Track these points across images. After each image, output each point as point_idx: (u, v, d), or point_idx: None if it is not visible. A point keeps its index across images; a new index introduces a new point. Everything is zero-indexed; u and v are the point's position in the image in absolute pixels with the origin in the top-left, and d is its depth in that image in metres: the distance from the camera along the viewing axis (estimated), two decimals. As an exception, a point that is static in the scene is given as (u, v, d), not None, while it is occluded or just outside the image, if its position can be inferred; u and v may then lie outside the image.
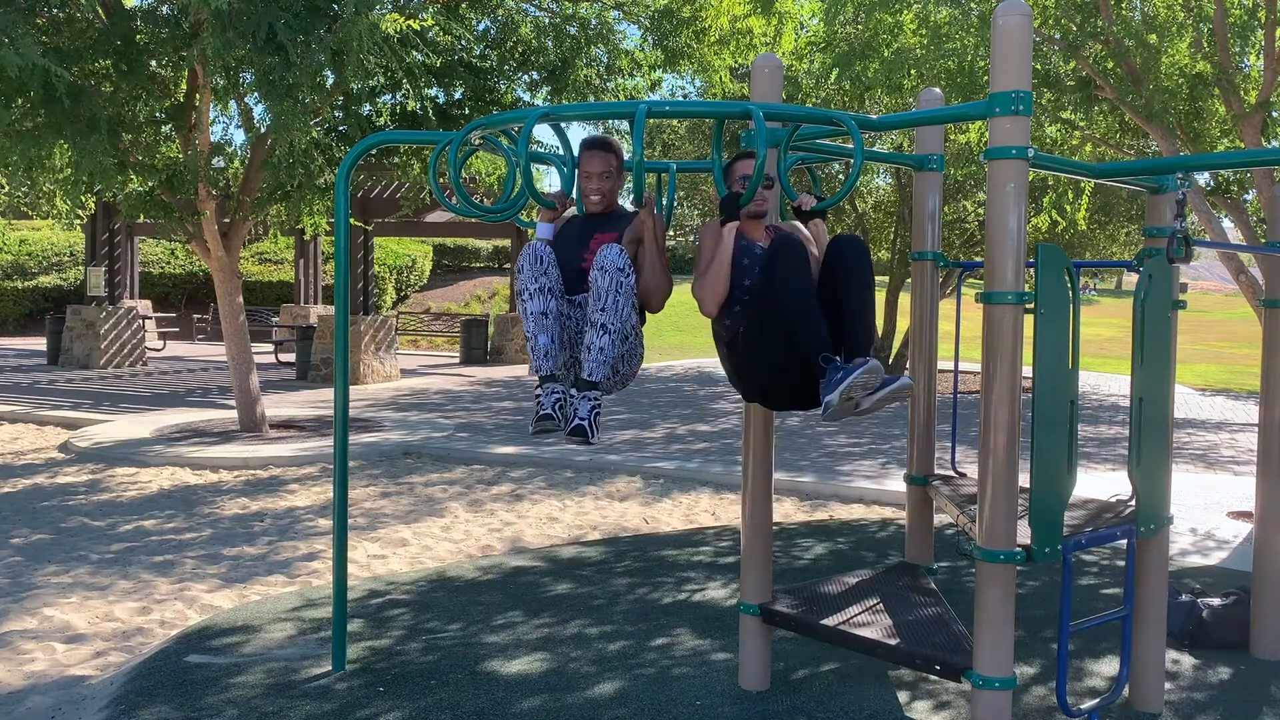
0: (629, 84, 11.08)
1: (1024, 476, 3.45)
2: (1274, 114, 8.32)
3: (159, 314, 23.24)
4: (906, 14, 9.31)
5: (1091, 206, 13.77)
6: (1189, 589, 5.28)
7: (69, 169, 9.37)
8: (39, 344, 21.78)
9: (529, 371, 3.59)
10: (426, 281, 31.92)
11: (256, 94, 9.10)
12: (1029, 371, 3.75)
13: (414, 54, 9.33)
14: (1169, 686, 4.25)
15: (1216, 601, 4.84)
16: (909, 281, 6.08)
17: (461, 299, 30.79)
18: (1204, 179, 9.26)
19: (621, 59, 10.88)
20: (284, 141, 8.56)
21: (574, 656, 4.51)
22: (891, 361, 17.89)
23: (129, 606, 5.32)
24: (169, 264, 28.38)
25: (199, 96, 9.62)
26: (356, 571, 5.93)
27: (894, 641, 3.68)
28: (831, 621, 3.90)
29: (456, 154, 3.80)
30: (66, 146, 8.71)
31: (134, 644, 4.81)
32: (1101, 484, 8.55)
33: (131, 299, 19.32)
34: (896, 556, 5.98)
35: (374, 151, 8.96)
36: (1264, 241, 5.07)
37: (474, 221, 18.96)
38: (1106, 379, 19.80)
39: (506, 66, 10.65)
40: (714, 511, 7.78)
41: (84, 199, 11.18)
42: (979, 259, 11.61)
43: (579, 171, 3.78)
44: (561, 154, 3.86)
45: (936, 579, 4.86)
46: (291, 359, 18.19)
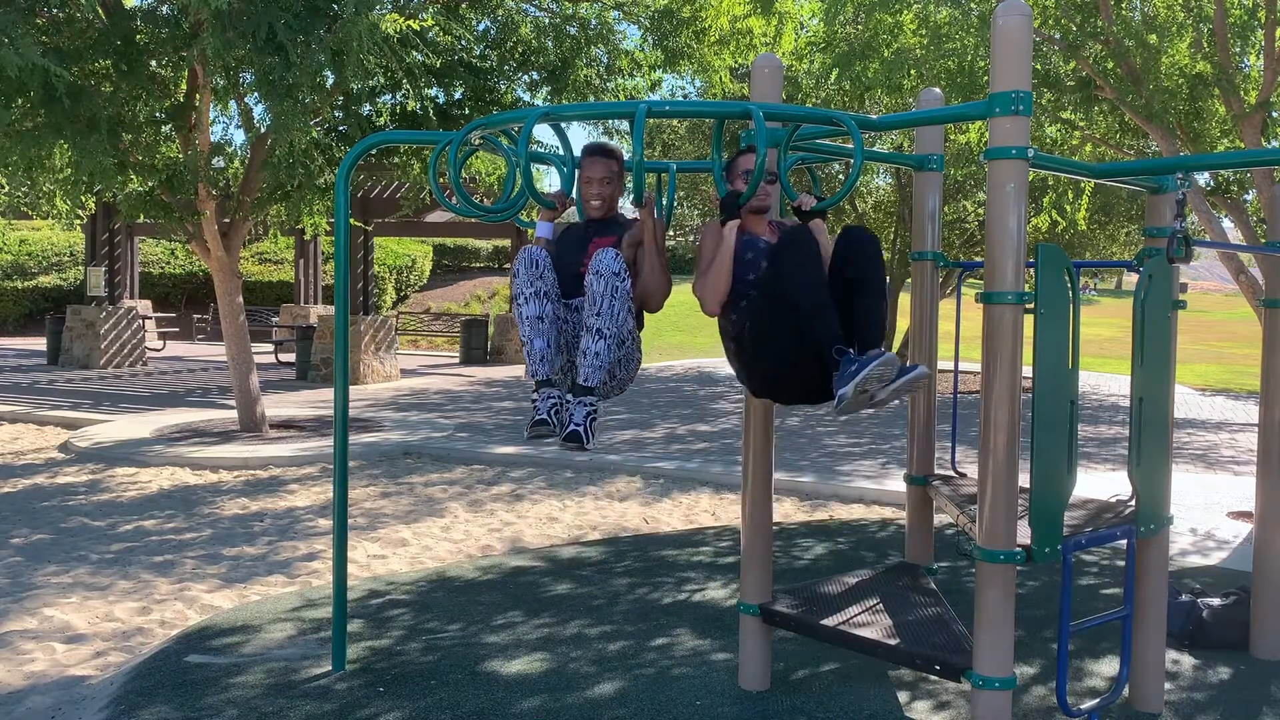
0: (629, 84, 11.08)
1: (1024, 476, 3.45)
2: (1274, 114, 8.32)
3: (159, 314, 23.23)
4: (906, 14, 9.31)
5: (1091, 206, 13.77)
6: (1189, 589, 5.28)
7: (69, 169, 9.37)
8: (39, 344, 21.78)
9: (525, 376, 3.58)
10: (426, 281, 31.92)
11: (256, 94, 9.11)
12: (1029, 371, 3.75)
13: (414, 54, 9.33)
14: (1169, 686, 4.25)
15: (1216, 601, 4.84)
16: (909, 281, 6.08)
17: (461, 299, 30.79)
18: (1204, 179, 9.26)
19: (621, 59, 10.88)
20: (284, 141, 8.56)
21: (574, 656, 4.51)
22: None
23: (129, 606, 5.32)
24: (169, 264, 28.38)
25: (199, 96, 9.62)
26: (356, 571, 5.93)
27: (894, 641, 3.68)
28: (831, 621, 3.90)
29: (456, 154, 3.80)
30: (66, 146, 8.71)
31: (134, 644, 4.81)
32: (1101, 484, 8.54)
33: (131, 299, 19.32)
34: (896, 556, 5.98)
35: (374, 151, 8.96)
36: (1264, 241, 5.07)
37: (474, 221, 18.96)
38: (1106, 379, 19.80)
39: (506, 66, 10.65)
40: (714, 511, 7.78)
41: (84, 199, 11.19)
42: (979, 259, 11.60)
43: (580, 177, 3.79)
44: (561, 154, 3.86)
45: (936, 579, 4.86)
46: (291, 359, 18.19)
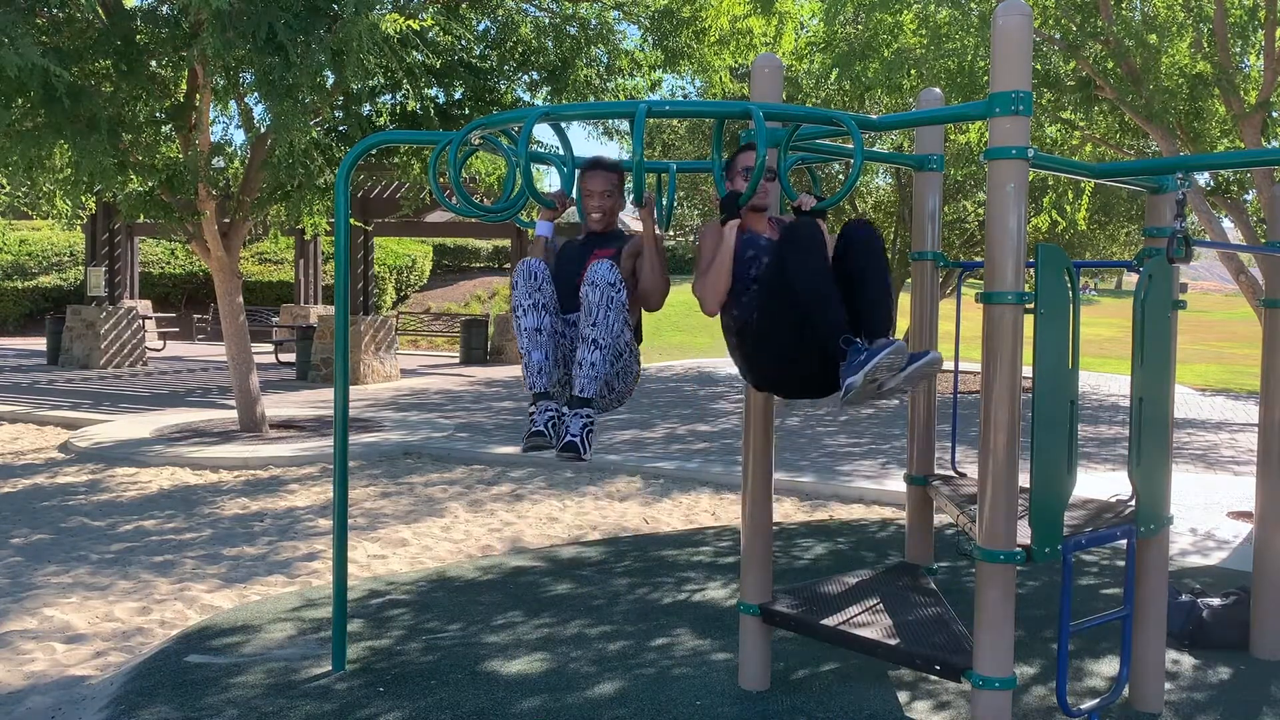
0: (629, 84, 11.08)
1: (1024, 476, 3.45)
2: (1274, 114, 8.33)
3: (159, 314, 23.23)
4: (906, 14, 9.31)
5: (1091, 206, 13.77)
6: (1189, 589, 5.28)
7: (69, 169, 9.37)
8: (39, 344, 21.78)
9: (524, 388, 3.58)
10: (426, 281, 31.92)
11: (256, 94, 9.11)
12: (1029, 371, 3.75)
13: (414, 54, 9.34)
14: (1169, 686, 4.25)
15: (1216, 601, 4.84)
16: (909, 281, 6.08)
17: (461, 299, 30.79)
18: (1204, 179, 9.26)
19: (621, 59, 10.88)
20: (284, 141, 8.56)
21: (574, 656, 4.51)
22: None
23: (129, 606, 5.32)
24: (169, 264, 28.38)
25: (199, 96, 9.62)
26: (356, 571, 5.93)
27: (894, 641, 3.68)
28: (831, 621, 3.90)
29: (456, 154, 3.81)
30: (66, 146, 8.72)
31: (134, 644, 4.81)
32: (1101, 484, 8.54)
33: (131, 299, 19.32)
34: (896, 556, 5.98)
35: (374, 151, 8.96)
36: (1264, 241, 5.07)
37: (474, 221, 18.95)
38: (1106, 379, 19.79)
39: (506, 66, 10.66)
40: (714, 511, 7.78)
41: (84, 199, 11.18)
42: (979, 259, 11.60)
43: (581, 189, 3.82)
44: (562, 154, 3.86)
45: (936, 579, 4.86)
46: (291, 359, 18.19)
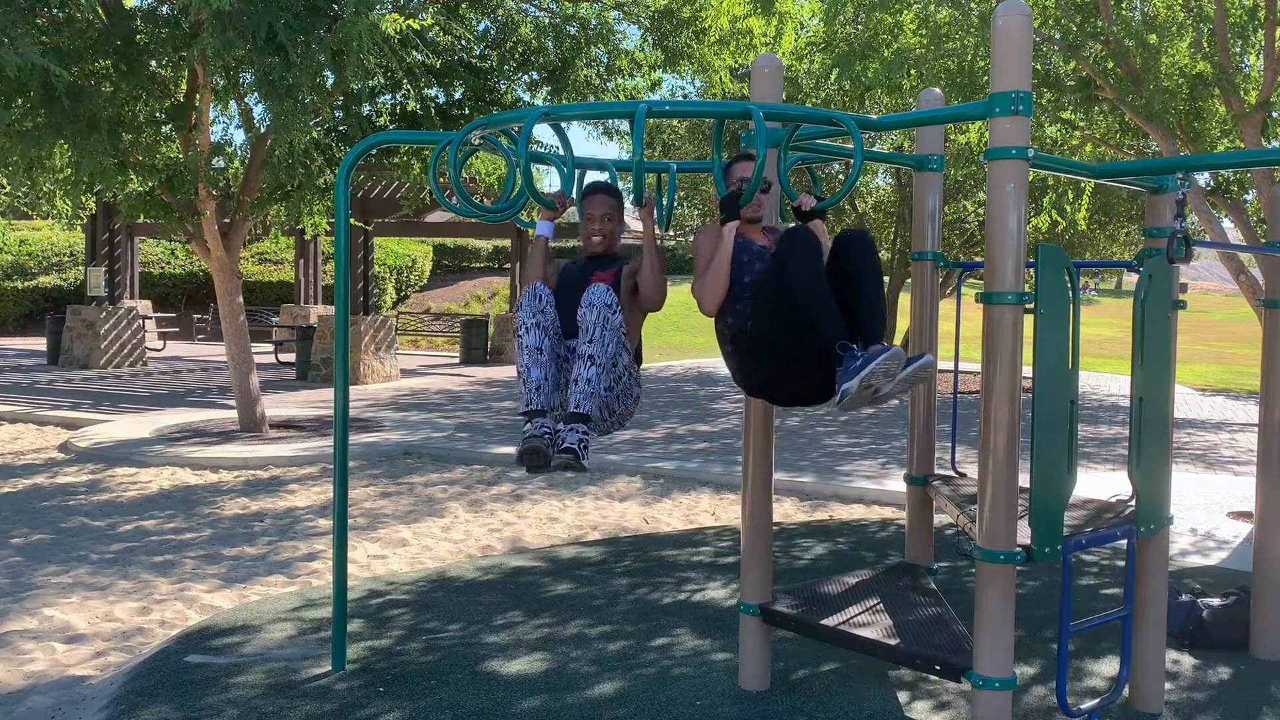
0: (629, 84, 11.08)
1: (1024, 476, 3.45)
2: (1274, 114, 8.32)
3: (159, 314, 23.23)
4: (906, 14, 9.31)
5: (1091, 206, 13.77)
6: (1189, 589, 5.28)
7: (69, 169, 9.37)
8: (39, 344, 21.78)
9: (519, 407, 3.58)
10: (426, 281, 31.92)
11: (256, 94, 9.11)
12: (1029, 371, 3.75)
13: (414, 54, 9.33)
14: (1169, 686, 4.25)
15: (1216, 601, 4.84)
16: (909, 281, 6.08)
17: (461, 299, 30.80)
18: (1204, 179, 9.26)
19: (621, 59, 10.88)
20: (284, 141, 8.56)
21: (574, 656, 4.51)
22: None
23: (129, 606, 5.32)
24: (169, 264, 28.38)
25: (199, 96, 9.62)
26: (356, 571, 5.93)
27: (894, 641, 3.68)
28: (831, 621, 3.90)
29: (456, 154, 3.81)
30: (66, 146, 8.72)
31: (134, 644, 4.81)
32: (1101, 484, 8.54)
33: (131, 299, 19.32)
34: (896, 556, 5.98)
35: (374, 151, 8.96)
36: (1264, 241, 5.07)
37: (474, 221, 18.96)
38: (1106, 379, 19.79)
39: (506, 66, 10.66)
40: (714, 511, 7.78)
41: (84, 199, 11.18)
42: (979, 259, 11.60)
43: (583, 214, 3.86)
44: (562, 154, 3.87)
45: (936, 579, 4.86)
46: (291, 359, 18.19)
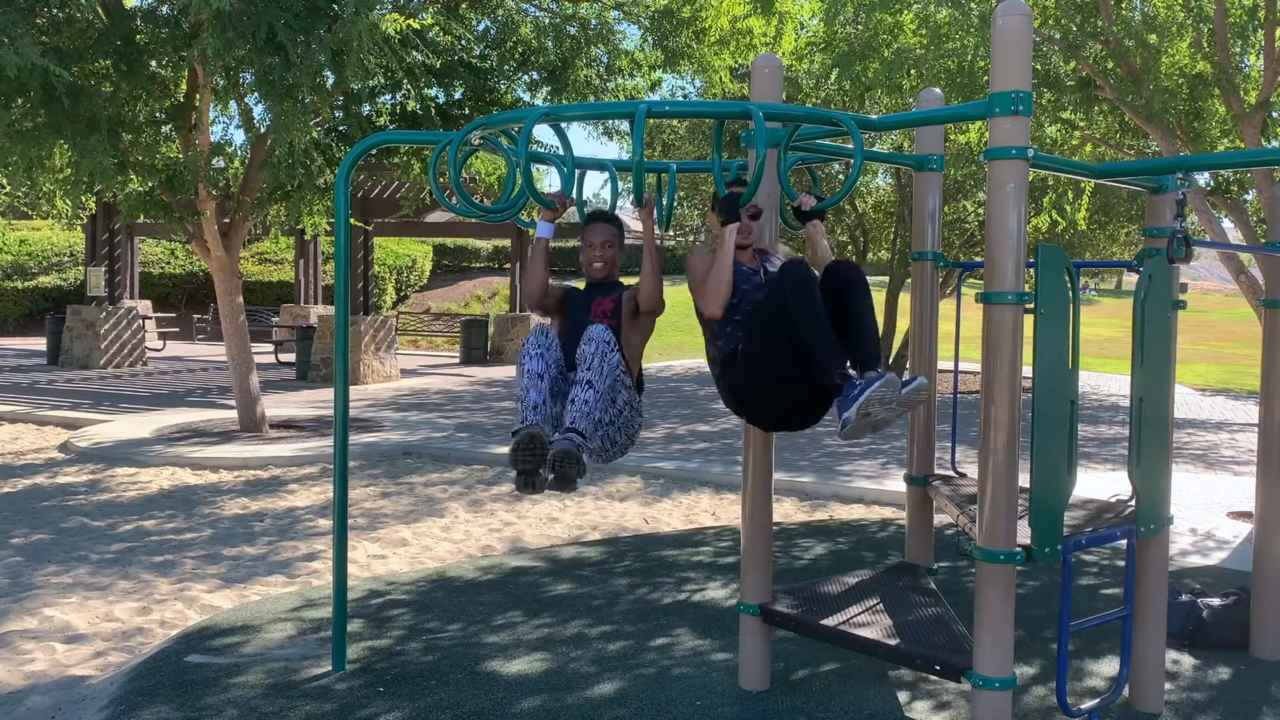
0: (629, 84, 11.08)
1: (1024, 476, 3.45)
2: (1274, 114, 8.32)
3: (159, 314, 23.22)
4: (906, 14, 9.31)
5: (1091, 206, 13.76)
6: (1189, 589, 5.28)
7: (69, 169, 9.37)
8: (39, 344, 21.77)
9: (514, 425, 3.60)
10: (426, 281, 31.91)
11: (256, 94, 9.11)
12: (1029, 371, 3.75)
13: (414, 54, 9.33)
14: (1169, 686, 4.25)
15: (1216, 601, 4.84)
16: (909, 281, 6.08)
17: (461, 299, 30.80)
18: (1204, 179, 9.26)
19: (621, 59, 10.88)
20: (284, 141, 8.56)
21: (574, 656, 4.51)
22: (891, 362, 17.90)
23: (129, 606, 5.32)
24: (169, 264, 28.37)
25: (199, 96, 9.62)
26: (356, 571, 5.93)
27: (894, 641, 3.68)
28: (831, 621, 3.90)
29: (456, 154, 3.81)
30: (66, 146, 8.71)
31: (134, 644, 4.81)
32: (1101, 484, 8.54)
33: (131, 299, 19.31)
34: (896, 556, 5.98)
35: (374, 151, 8.96)
36: (1264, 241, 5.07)
37: (474, 221, 18.96)
38: (1106, 379, 19.79)
39: (506, 66, 10.65)
40: (714, 511, 7.78)
41: (84, 199, 11.18)
42: (979, 259, 11.60)
43: (583, 241, 3.93)
44: (562, 154, 3.87)
45: (936, 579, 4.86)
46: (291, 359, 18.19)
